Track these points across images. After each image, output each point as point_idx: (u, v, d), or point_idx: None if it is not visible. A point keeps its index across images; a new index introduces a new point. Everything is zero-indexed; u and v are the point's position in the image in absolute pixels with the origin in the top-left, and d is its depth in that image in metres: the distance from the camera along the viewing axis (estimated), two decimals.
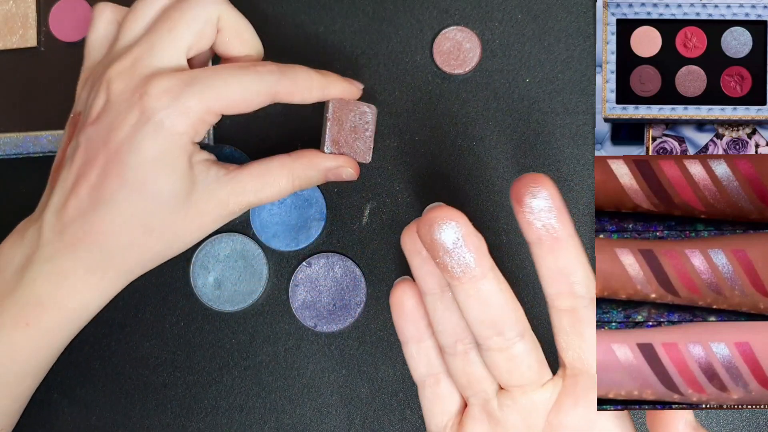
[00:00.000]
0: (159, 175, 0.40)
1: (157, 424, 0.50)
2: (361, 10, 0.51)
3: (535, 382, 0.37)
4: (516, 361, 0.36)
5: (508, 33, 0.50)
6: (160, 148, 0.39)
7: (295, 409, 0.50)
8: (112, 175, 0.39)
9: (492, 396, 0.38)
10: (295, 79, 0.42)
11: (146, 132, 0.39)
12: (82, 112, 0.42)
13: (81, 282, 0.41)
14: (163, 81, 0.39)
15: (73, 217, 0.40)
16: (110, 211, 0.40)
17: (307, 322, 0.50)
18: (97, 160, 0.40)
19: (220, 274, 0.50)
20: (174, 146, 0.39)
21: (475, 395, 0.38)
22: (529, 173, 0.34)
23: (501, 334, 0.35)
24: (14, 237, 0.42)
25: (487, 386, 0.38)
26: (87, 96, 0.42)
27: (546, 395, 0.37)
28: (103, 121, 0.40)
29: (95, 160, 0.40)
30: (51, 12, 0.51)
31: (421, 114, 0.50)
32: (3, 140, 0.51)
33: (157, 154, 0.39)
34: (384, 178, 0.50)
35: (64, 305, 0.41)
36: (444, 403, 0.39)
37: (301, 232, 0.50)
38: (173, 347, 0.51)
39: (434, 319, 0.37)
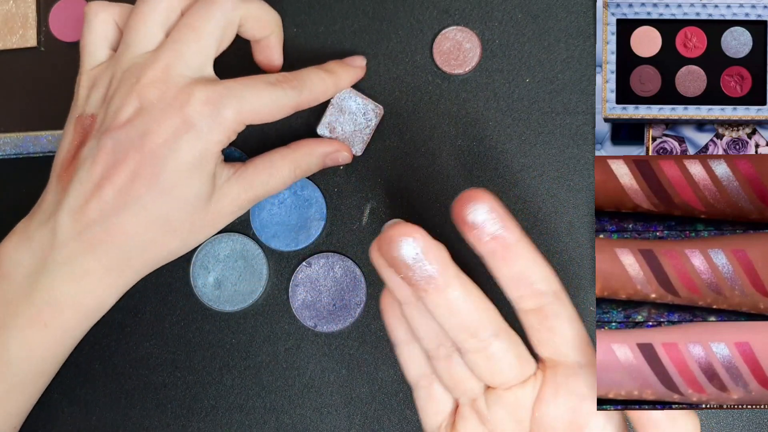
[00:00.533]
0: (191, 180, 0.41)
1: (157, 424, 0.50)
2: (361, 10, 0.51)
3: (517, 378, 0.37)
4: (495, 360, 0.36)
5: (508, 33, 0.50)
6: (196, 155, 0.41)
7: (295, 409, 0.50)
8: (143, 178, 0.41)
9: (479, 395, 0.38)
10: (313, 88, 0.45)
11: (187, 138, 0.41)
12: (97, 114, 0.42)
13: (99, 282, 0.42)
14: (204, 91, 0.41)
15: (95, 219, 0.41)
16: (136, 213, 0.41)
17: (307, 322, 0.50)
18: (127, 162, 0.41)
19: (220, 274, 0.50)
20: (208, 153, 0.42)
21: (463, 395, 0.38)
22: (465, 191, 0.35)
23: (475, 336, 0.36)
24: (18, 238, 0.42)
25: (473, 386, 0.38)
26: (101, 98, 0.43)
27: (529, 389, 0.37)
28: (136, 126, 0.41)
29: (124, 162, 0.41)
30: (51, 12, 0.51)
31: (421, 114, 0.50)
32: (3, 140, 0.51)
33: (193, 159, 0.41)
34: (384, 178, 0.50)
35: (81, 305, 0.41)
36: (438, 404, 0.39)
37: (300, 233, 0.50)
38: (173, 347, 0.51)
39: (414, 326, 0.38)
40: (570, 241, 0.49)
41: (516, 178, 0.49)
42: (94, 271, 0.41)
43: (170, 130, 0.41)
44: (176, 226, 0.42)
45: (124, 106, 0.41)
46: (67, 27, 0.51)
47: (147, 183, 0.41)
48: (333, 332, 0.50)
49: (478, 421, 0.38)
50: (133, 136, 0.41)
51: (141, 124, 0.41)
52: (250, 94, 0.42)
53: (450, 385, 0.38)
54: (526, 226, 0.49)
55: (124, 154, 0.41)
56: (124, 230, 0.41)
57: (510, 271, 0.35)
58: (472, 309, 0.35)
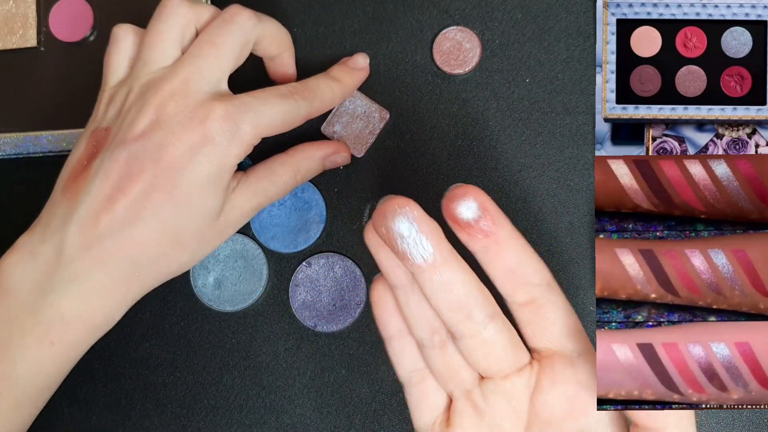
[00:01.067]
0: (206, 194, 0.42)
1: (157, 424, 0.50)
2: (361, 10, 0.51)
3: (512, 365, 0.37)
4: (490, 345, 0.36)
5: (508, 33, 0.50)
6: (214, 169, 0.42)
7: (295, 409, 0.50)
8: (160, 190, 0.41)
9: (474, 386, 0.38)
10: (323, 98, 0.46)
11: (206, 152, 0.41)
12: (112, 127, 0.43)
13: (106, 297, 0.42)
14: (223, 106, 0.42)
15: (106, 232, 0.41)
16: (149, 225, 0.41)
17: (307, 322, 0.50)
18: (143, 175, 0.41)
19: (220, 274, 0.50)
20: (225, 167, 0.42)
21: (458, 387, 0.38)
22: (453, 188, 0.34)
23: (470, 317, 0.35)
24: (21, 254, 0.41)
25: (467, 376, 0.38)
26: (117, 113, 0.43)
27: (525, 378, 0.37)
28: (152, 139, 0.41)
29: (140, 175, 0.41)
30: (51, 12, 0.51)
31: (421, 114, 0.50)
32: (3, 140, 0.51)
33: (210, 174, 0.42)
34: (384, 178, 0.50)
35: (89, 322, 0.41)
36: (431, 400, 0.39)
37: (300, 235, 0.50)
38: (173, 347, 0.51)
39: (408, 313, 0.37)
40: (570, 241, 0.49)
41: (516, 178, 0.49)
42: (102, 286, 0.41)
43: (189, 144, 0.41)
44: (187, 239, 0.42)
45: (140, 118, 0.42)
46: (67, 27, 0.51)
47: (163, 195, 0.41)
48: (333, 332, 0.50)
49: (474, 414, 0.38)
50: (150, 148, 0.41)
51: (158, 137, 0.41)
52: (265, 108, 0.43)
53: (444, 377, 0.38)
54: (526, 226, 0.49)
55: (140, 166, 0.41)
56: (135, 243, 0.41)
57: (503, 265, 0.35)
58: (467, 287, 0.35)
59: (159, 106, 0.42)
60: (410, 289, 0.37)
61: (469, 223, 0.35)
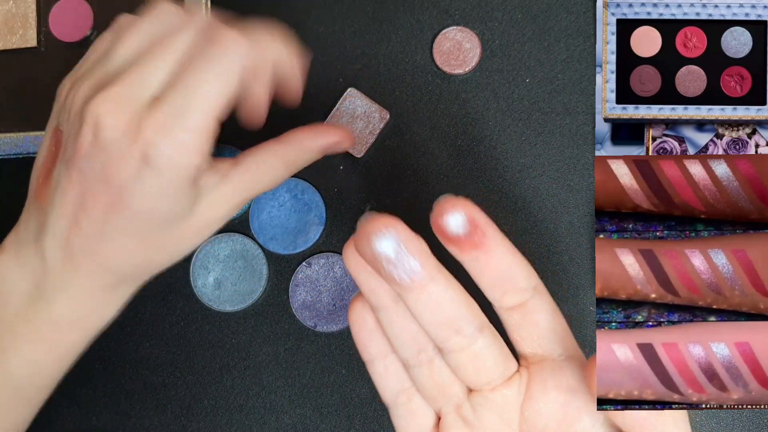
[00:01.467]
0: (167, 202, 0.39)
1: (157, 424, 0.50)
2: (361, 10, 0.51)
3: (502, 375, 0.36)
4: (480, 358, 0.35)
5: (508, 33, 0.50)
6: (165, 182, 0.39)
7: (295, 409, 0.50)
8: (115, 212, 0.39)
9: (464, 400, 0.37)
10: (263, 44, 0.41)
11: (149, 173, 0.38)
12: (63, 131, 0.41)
13: (96, 300, 0.41)
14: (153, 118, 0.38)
15: (79, 250, 0.40)
16: (116, 242, 0.40)
17: (307, 322, 0.50)
18: (97, 197, 0.39)
19: (220, 274, 0.50)
20: (177, 177, 0.39)
21: (447, 403, 0.37)
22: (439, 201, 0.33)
23: (459, 332, 0.35)
24: (9, 258, 0.41)
25: (457, 391, 0.37)
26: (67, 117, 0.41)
27: (515, 388, 0.36)
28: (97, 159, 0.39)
29: (96, 195, 0.39)
30: (51, 12, 0.51)
31: (421, 114, 0.50)
32: (3, 140, 0.51)
33: (162, 186, 0.39)
34: (384, 178, 0.50)
35: (83, 323, 0.41)
36: (419, 419, 0.38)
37: (299, 236, 0.50)
38: (173, 347, 0.51)
39: (391, 333, 0.36)
40: (570, 241, 0.49)
41: (516, 178, 0.49)
42: (89, 291, 0.41)
43: (130, 168, 0.38)
44: (161, 242, 0.41)
45: (81, 134, 0.39)
46: (67, 27, 0.51)
47: (121, 214, 0.39)
48: (333, 332, 0.50)
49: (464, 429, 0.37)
50: (97, 169, 0.39)
51: (100, 159, 0.39)
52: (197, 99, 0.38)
53: (433, 394, 0.37)
54: (526, 226, 0.49)
55: (91, 186, 0.39)
56: (108, 256, 0.40)
57: (493, 271, 0.34)
58: (456, 303, 0.34)
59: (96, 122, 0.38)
60: (393, 310, 0.36)
61: (459, 237, 0.34)
